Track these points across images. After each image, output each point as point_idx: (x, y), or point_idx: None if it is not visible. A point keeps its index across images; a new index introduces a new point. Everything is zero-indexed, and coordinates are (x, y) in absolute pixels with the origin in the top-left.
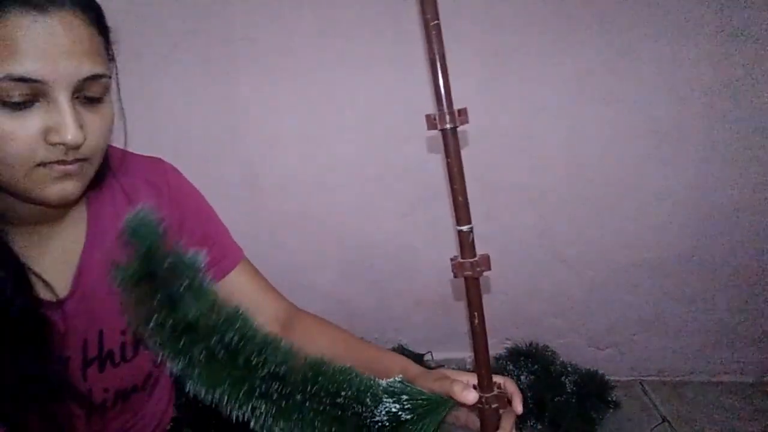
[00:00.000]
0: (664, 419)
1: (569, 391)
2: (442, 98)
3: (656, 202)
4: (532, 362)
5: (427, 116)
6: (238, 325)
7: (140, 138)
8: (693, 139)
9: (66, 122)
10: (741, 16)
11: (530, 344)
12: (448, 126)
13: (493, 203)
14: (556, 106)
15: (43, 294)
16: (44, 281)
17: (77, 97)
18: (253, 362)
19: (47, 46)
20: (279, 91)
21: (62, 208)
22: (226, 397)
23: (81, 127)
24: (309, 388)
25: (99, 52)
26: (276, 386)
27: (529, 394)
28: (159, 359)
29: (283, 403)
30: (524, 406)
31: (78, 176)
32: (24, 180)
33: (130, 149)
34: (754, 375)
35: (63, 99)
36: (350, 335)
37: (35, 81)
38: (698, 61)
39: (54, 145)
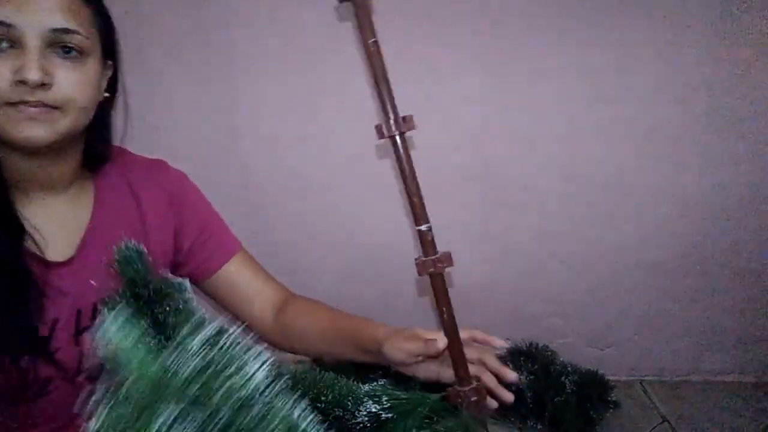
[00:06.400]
0: (664, 419)
1: (569, 391)
2: (388, 108)
3: (656, 202)
4: (532, 362)
5: (377, 126)
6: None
7: (141, 138)
8: (693, 139)
9: (28, 62)
10: (741, 16)
11: (530, 344)
12: (395, 133)
13: (493, 203)
14: (556, 106)
15: (46, 254)
16: (40, 244)
17: (53, 50)
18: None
19: None
20: (279, 90)
21: (31, 155)
22: None
23: (47, 72)
24: None
25: (75, 12)
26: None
27: (529, 394)
28: None
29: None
30: (524, 406)
31: (46, 123)
32: None
33: (130, 148)
34: (754, 375)
35: (32, 45)
36: (335, 312)
37: (8, 26)
38: (698, 61)
39: (19, 84)
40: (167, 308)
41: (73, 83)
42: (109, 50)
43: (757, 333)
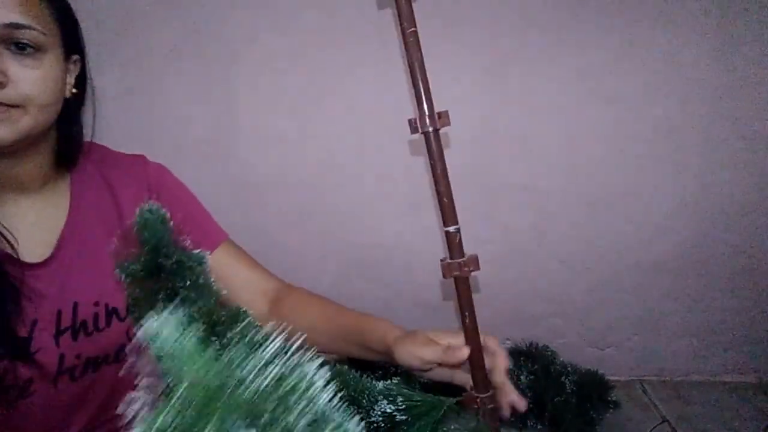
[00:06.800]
0: (664, 419)
1: (569, 391)
2: (423, 102)
3: (656, 202)
4: (532, 362)
5: (410, 120)
6: (240, 325)
7: (140, 137)
8: (693, 139)
9: None
10: (742, 16)
11: (530, 344)
12: (429, 129)
13: (493, 203)
14: (556, 106)
15: (21, 255)
16: (14, 245)
17: (7, 47)
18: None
19: None
20: (279, 91)
21: None
22: None
23: (0, 71)
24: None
25: (30, 6)
26: None
27: (529, 394)
28: None
29: None
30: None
31: (6, 122)
32: None
33: (131, 149)
34: (754, 375)
35: None
36: (335, 306)
37: None
38: (698, 61)
39: None
40: (188, 282)
41: (31, 80)
42: (73, 45)
43: (757, 333)
